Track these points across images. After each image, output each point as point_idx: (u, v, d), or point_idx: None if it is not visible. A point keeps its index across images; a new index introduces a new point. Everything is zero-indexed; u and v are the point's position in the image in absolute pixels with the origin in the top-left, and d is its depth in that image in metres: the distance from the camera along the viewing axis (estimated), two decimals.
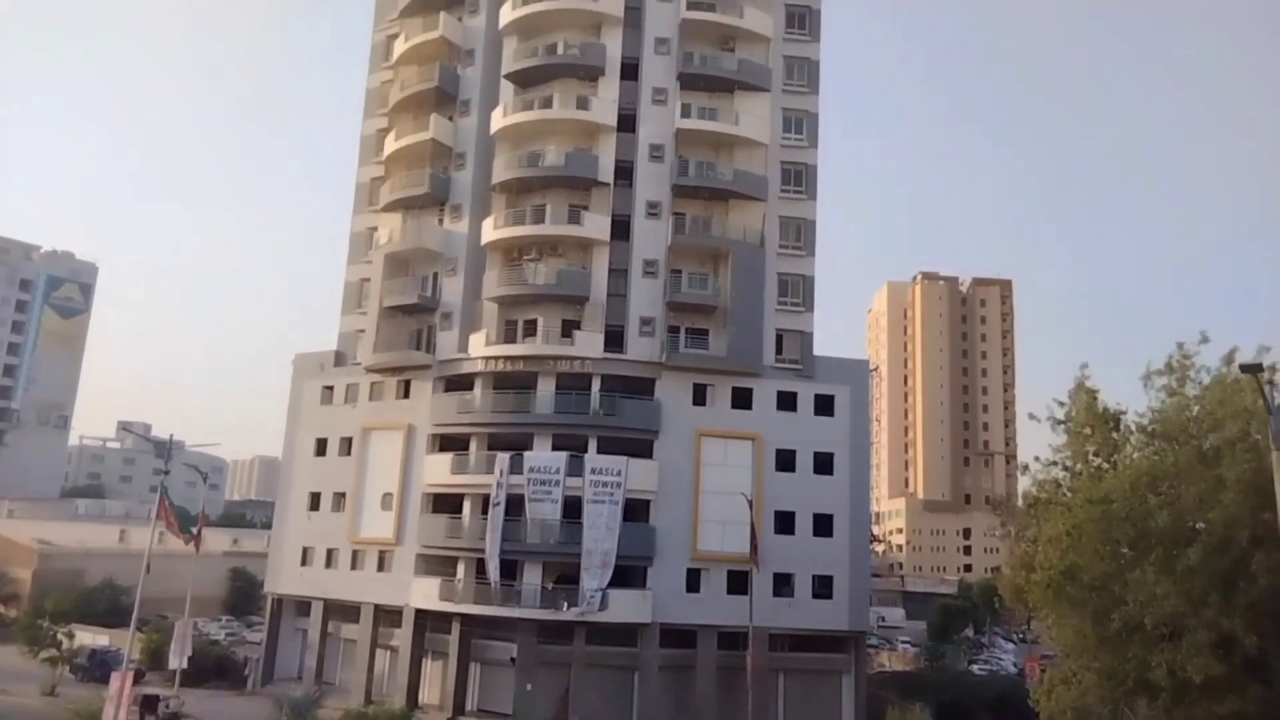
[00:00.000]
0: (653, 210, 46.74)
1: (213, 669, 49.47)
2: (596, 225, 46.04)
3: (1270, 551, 14.88)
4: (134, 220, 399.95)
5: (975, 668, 61.34)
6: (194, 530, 44.76)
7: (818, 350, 47.48)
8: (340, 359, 52.08)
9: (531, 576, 42.67)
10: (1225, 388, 18.79)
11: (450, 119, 50.27)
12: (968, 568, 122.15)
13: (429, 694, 44.89)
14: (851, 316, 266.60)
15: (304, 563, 50.06)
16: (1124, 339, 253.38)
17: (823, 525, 45.00)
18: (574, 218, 46.12)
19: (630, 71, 48.09)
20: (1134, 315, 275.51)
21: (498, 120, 48.06)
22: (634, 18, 48.50)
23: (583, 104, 47.17)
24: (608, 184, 46.75)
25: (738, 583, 42.36)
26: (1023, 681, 37.15)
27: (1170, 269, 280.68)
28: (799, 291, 47.67)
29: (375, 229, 52.42)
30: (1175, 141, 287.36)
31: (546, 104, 47.35)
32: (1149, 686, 16.83)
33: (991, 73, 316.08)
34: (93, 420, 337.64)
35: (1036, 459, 22.20)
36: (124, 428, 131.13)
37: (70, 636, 47.87)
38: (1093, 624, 17.84)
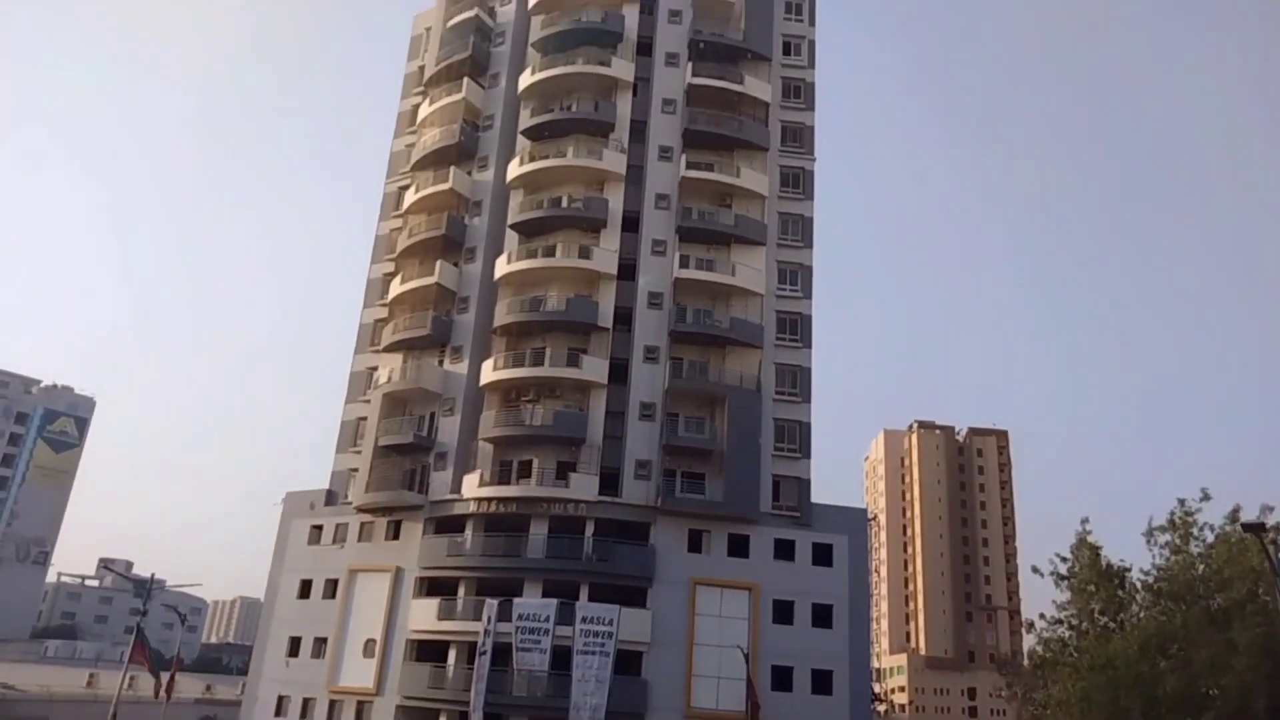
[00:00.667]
0: (650, 355, 47.41)
1: None
2: (595, 368, 46.57)
3: None
4: (132, 354, 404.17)
5: None
6: (167, 673, 42.87)
7: (815, 498, 47.02)
8: (331, 498, 51.46)
9: None
10: (1230, 546, 18.53)
11: (455, 265, 51.73)
12: None
13: None
14: (848, 464, 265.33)
15: (278, 713, 47.63)
16: (1125, 488, 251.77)
17: (822, 682, 43.22)
18: (573, 361, 46.71)
19: (631, 223, 49.95)
20: (1135, 463, 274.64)
21: (502, 267, 49.48)
22: (636, 175, 50.84)
23: (585, 253, 48.71)
24: (607, 329, 47.63)
25: None
26: None
27: (1169, 417, 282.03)
28: (796, 438, 47.70)
29: (375, 369, 52.94)
30: (1171, 296, 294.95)
31: (550, 252, 48.88)
32: None
33: (985, 233, 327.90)
34: (74, 556, 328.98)
35: (1042, 616, 21.70)
36: (104, 565, 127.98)
37: None
38: None
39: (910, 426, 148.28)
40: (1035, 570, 21.60)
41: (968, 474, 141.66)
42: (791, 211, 51.92)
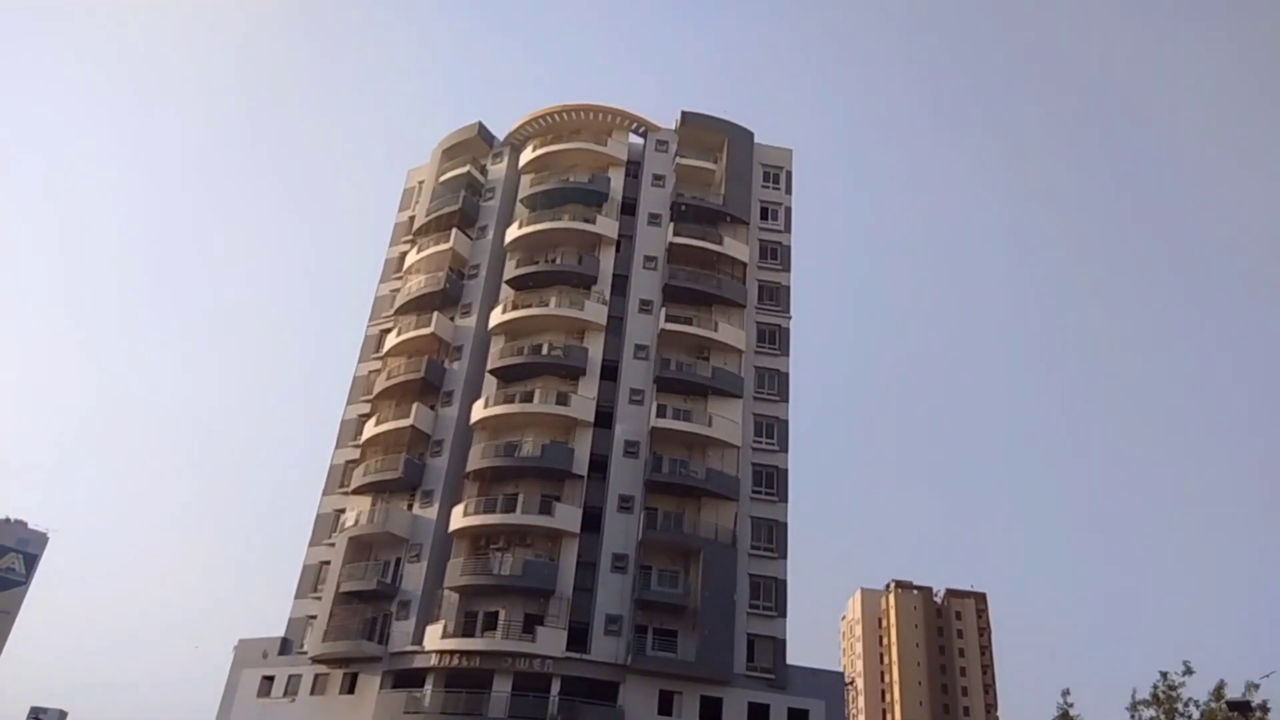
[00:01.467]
0: (625, 504, 46.84)
1: None
2: (568, 517, 45.83)
3: None
4: (84, 487, 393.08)
5: None
6: None
7: (790, 658, 45.50)
8: (286, 646, 49.10)
9: None
10: None
11: (432, 408, 51.70)
12: None
13: None
14: (824, 623, 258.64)
15: None
16: (1105, 653, 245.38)
17: None
18: (545, 508, 46.02)
19: (610, 372, 50.53)
20: (1115, 628, 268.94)
21: (479, 411, 49.48)
22: (616, 325, 51.89)
23: (562, 400, 48.94)
24: (581, 476, 47.24)
25: None
26: None
27: (1151, 582, 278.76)
28: (771, 595, 46.62)
29: (343, 511, 51.83)
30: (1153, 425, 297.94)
31: (527, 398, 49.09)
32: None
33: (961, 397, 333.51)
34: (3, 702, 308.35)
35: None
36: (36, 716, 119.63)
37: None
38: None
39: (888, 586, 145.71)
40: None
41: (947, 636, 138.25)
42: (768, 366, 52.82)
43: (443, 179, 59.43)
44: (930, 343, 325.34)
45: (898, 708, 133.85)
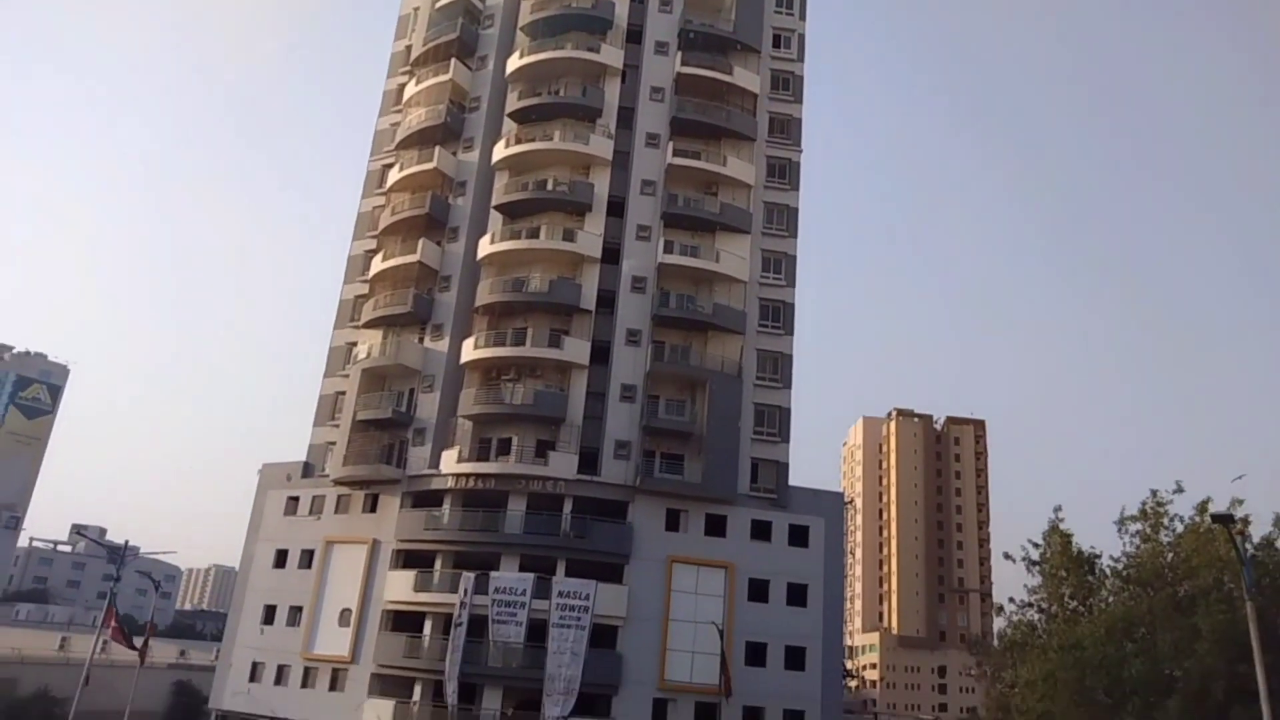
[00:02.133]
0: (633, 338, 47.53)
1: None
2: (576, 350, 46.64)
3: (1247, 705, 14.72)
4: (106, 322, 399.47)
5: None
6: (140, 640, 42.88)
7: (793, 481, 47.50)
8: (308, 470, 51.37)
9: (491, 701, 41.02)
10: (1199, 536, 18.99)
11: (438, 243, 51.50)
12: (943, 706, 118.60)
13: None
14: (827, 450, 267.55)
15: (253, 679, 47.81)
16: (1097, 478, 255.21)
17: (795, 658, 43.93)
18: (554, 341, 46.77)
19: (616, 208, 49.90)
20: (1108, 452, 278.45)
21: (485, 247, 49.33)
22: (622, 160, 50.72)
23: (569, 236, 48.62)
24: (589, 311, 47.68)
25: (706, 715, 41.06)
26: None
27: (1148, 408, 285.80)
28: (775, 422, 48.07)
29: (355, 344, 52.72)
30: (1155, 279, 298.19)
31: (534, 234, 48.77)
32: None
33: (968, 226, 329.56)
34: (46, 521, 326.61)
35: (1012, 600, 22.12)
36: (78, 531, 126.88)
37: None
38: None
39: (889, 414, 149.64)
40: (1007, 556, 22.03)
41: (944, 461, 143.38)
42: (776, 201, 52.02)
43: (438, 5, 56.50)
44: (941, 171, 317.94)
45: (894, 526, 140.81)
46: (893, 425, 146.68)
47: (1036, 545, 21.41)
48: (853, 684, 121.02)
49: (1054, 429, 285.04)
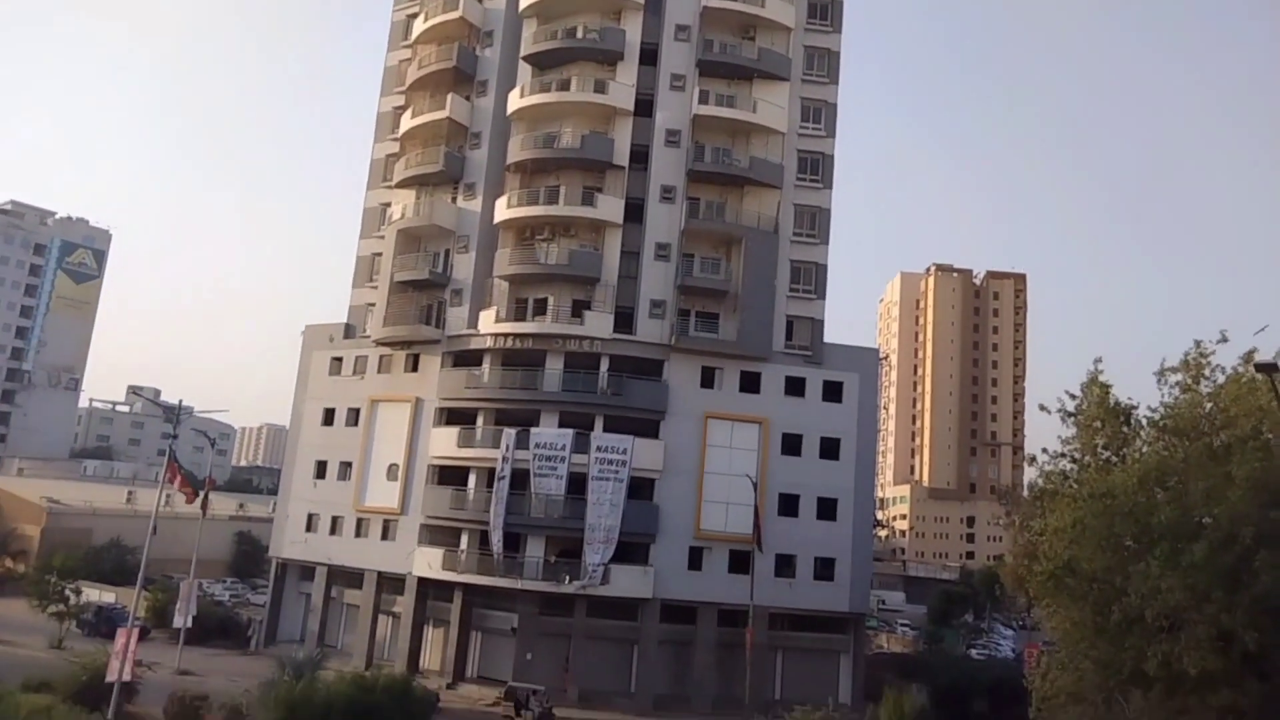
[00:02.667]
0: (667, 195, 46.71)
1: (216, 629, 50.23)
2: (610, 208, 46.04)
3: (1274, 550, 14.96)
4: (146, 189, 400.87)
5: (973, 652, 61.56)
6: (202, 489, 45.28)
7: (828, 338, 47.52)
8: (350, 331, 52.36)
9: (534, 549, 43.06)
10: (1240, 386, 18.73)
11: (467, 98, 50.21)
12: (970, 555, 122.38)
13: (430, 660, 45.46)
14: (863, 305, 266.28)
15: (309, 529, 50.56)
16: (1138, 337, 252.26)
17: (827, 509, 45.25)
18: (588, 199, 46.14)
19: (649, 57, 47.96)
20: (1150, 313, 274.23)
21: (515, 101, 48.03)
22: (654, 4, 48.37)
23: (600, 88, 47.06)
24: (622, 167, 46.74)
25: (739, 562, 42.75)
26: (1020, 667, 37.37)
27: (1189, 267, 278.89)
28: (811, 279, 47.64)
29: (389, 204, 52.55)
30: (1198, 137, 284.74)
31: (564, 86, 47.25)
32: (1144, 677, 17.00)
33: (1012, 66, 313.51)
34: (103, 384, 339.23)
35: (1044, 450, 22.20)
36: (133, 392, 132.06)
37: (77, 593, 48.49)
38: (1092, 615, 17.96)
39: (928, 269, 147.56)
40: (1043, 408, 21.96)
41: (982, 316, 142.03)
42: (817, 45, 49.63)
43: None
44: (993, 15, 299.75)
45: (929, 380, 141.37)
46: (931, 280, 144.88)
47: (1073, 397, 21.31)
48: (883, 534, 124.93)
49: (1097, 285, 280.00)
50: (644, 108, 47.47)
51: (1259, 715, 15.92)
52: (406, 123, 51.05)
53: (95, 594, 53.53)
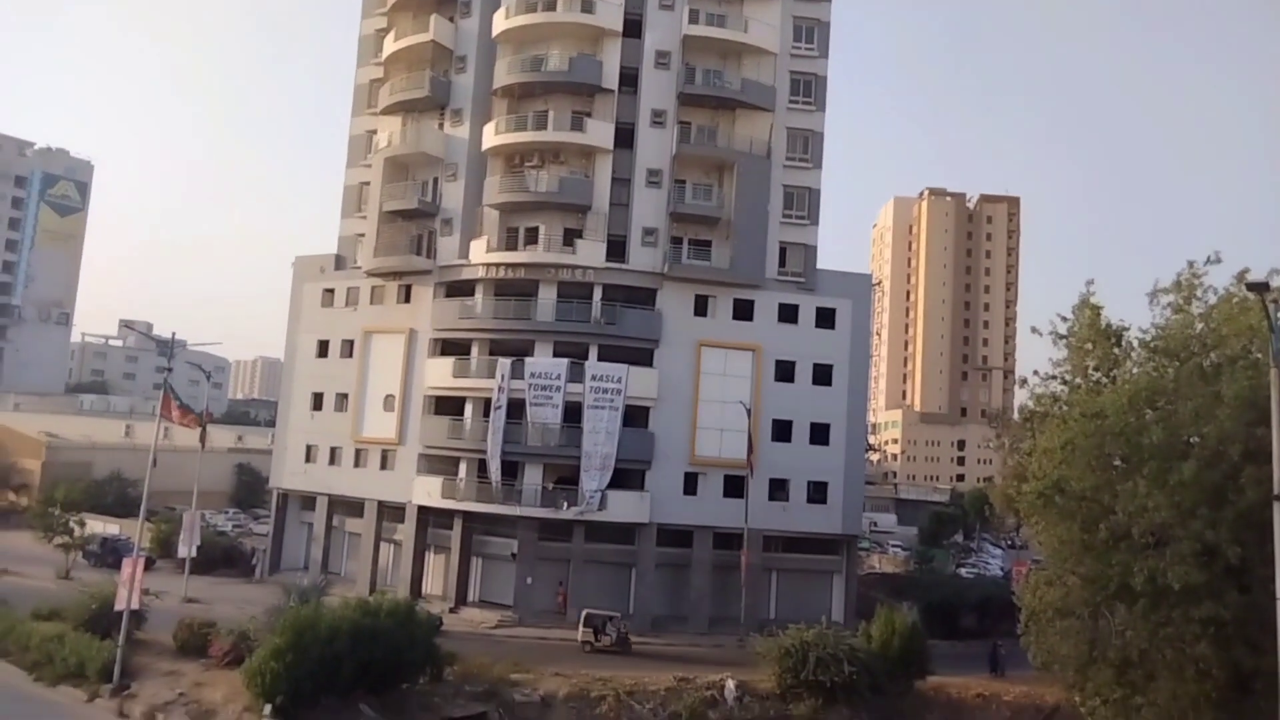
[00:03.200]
0: (658, 119, 45.92)
1: (221, 558, 51.05)
2: (600, 133, 45.30)
3: (1260, 465, 15.23)
4: (128, 120, 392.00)
5: (963, 571, 63.22)
6: (200, 418, 45.64)
7: (821, 264, 47.38)
8: (340, 262, 51.93)
9: (532, 477, 43.59)
10: (1231, 306, 18.83)
11: (451, 20, 48.85)
12: (960, 478, 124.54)
13: (432, 585, 46.41)
14: (856, 231, 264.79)
15: (308, 460, 51.00)
16: (1131, 261, 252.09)
17: (819, 434, 45.78)
18: (577, 124, 45.36)
19: None
20: (1143, 237, 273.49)
21: (499, 22, 46.78)
22: None
23: (587, 7, 45.77)
24: (612, 91, 45.83)
25: (734, 487, 43.44)
26: (1008, 584, 38.50)
27: (1184, 191, 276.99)
28: (804, 204, 47.25)
29: (374, 132, 51.56)
30: (1192, 54, 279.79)
31: (550, 6, 45.97)
32: (1129, 592, 17.50)
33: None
34: (94, 319, 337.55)
35: (1036, 373, 22.43)
36: (125, 325, 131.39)
37: (81, 525, 49.15)
38: (1080, 532, 18.39)
39: (921, 194, 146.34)
40: (1034, 330, 22.07)
41: (975, 240, 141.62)
42: None
43: None
44: None
45: (920, 305, 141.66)
46: (924, 205, 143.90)
47: (1065, 320, 21.41)
48: (875, 457, 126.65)
49: (1091, 208, 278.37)
50: (633, 28, 46.33)
51: (1239, 625, 16.43)
52: (390, 46, 49.75)
53: (99, 526, 54.27)
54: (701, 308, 45.71)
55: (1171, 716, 17.49)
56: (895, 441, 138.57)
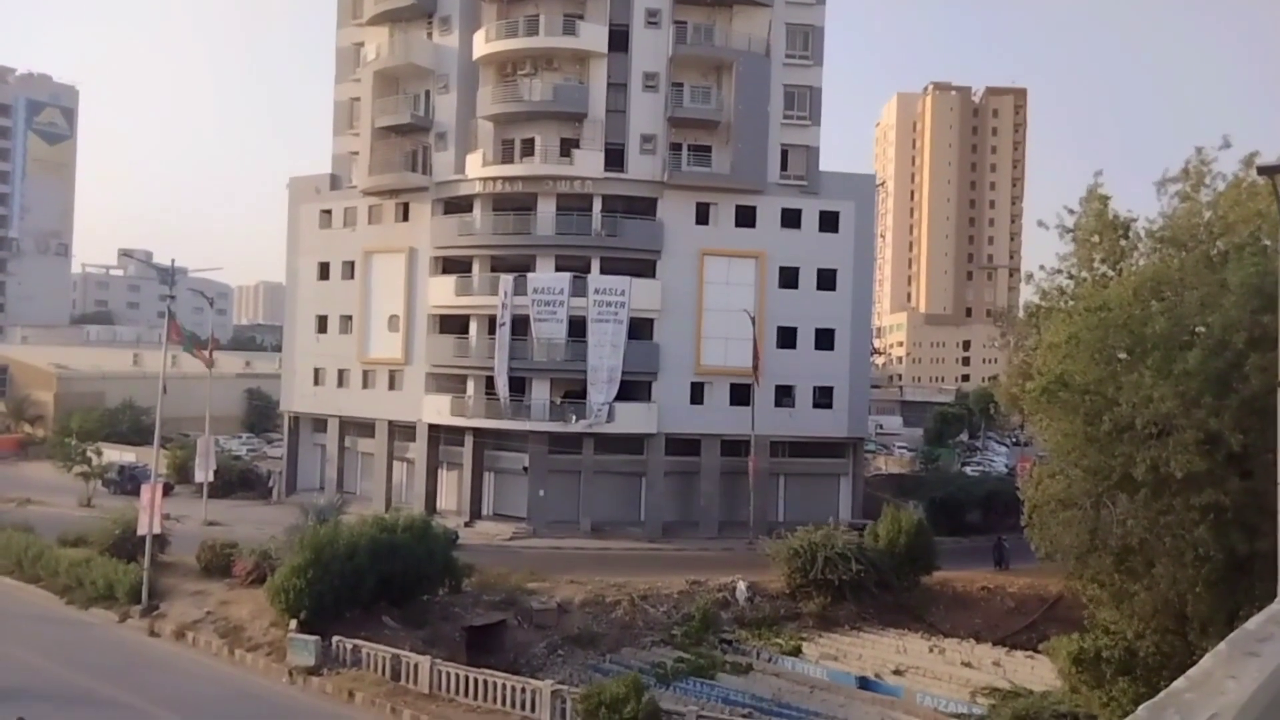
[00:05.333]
0: (652, 19, 44.48)
1: (238, 482, 52.04)
2: (593, 36, 43.96)
3: (1265, 353, 15.15)
4: (108, 42, 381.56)
5: (968, 469, 64.05)
6: (206, 348, 45.86)
7: (823, 166, 46.56)
8: (336, 182, 51.22)
9: (540, 392, 43.91)
10: (1240, 192, 18.41)
11: None
12: (965, 378, 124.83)
13: (446, 501, 47.30)
14: (859, 130, 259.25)
15: (317, 383, 51.37)
16: (1141, 153, 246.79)
17: (824, 339, 45.82)
18: (569, 28, 44.02)
19: None
20: (1153, 127, 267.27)
21: None
22: None
23: None
24: None
25: (740, 394, 43.73)
26: (1013, 480, 39.04)
27: (1193, 78, 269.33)
28: (805, 104, 46.14)
29: (362, 44, 50.17)
30: None
31: None
32: (1131, 482, 17.66)
33: None
34: (94, 249, 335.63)
35: (1041, 268, 22.16)
36: (125, 254, 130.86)
37: (98, 453, 49.92)
38: (1083, 425, 18.42)
39: (925, 89, 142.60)
40: (1041, 223, 21.68)
41: (980, 135, 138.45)
42: None
43: None
44: None
45: (925, 205, 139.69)
46: (928, 100, 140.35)
47: (1072, 213, 21.02)
48: (880, 360, 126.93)
49: (1100, 100, 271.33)
50: None
51: (1239, 511, 16.64)
52: None
53: (115, 454, 55.10)
54: (703, 215, 45.17)
55: (1168, 600, 17.92)
56: (900, 344, 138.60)
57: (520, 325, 43.58)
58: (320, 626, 26.02)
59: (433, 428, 46.35)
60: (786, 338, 45.42)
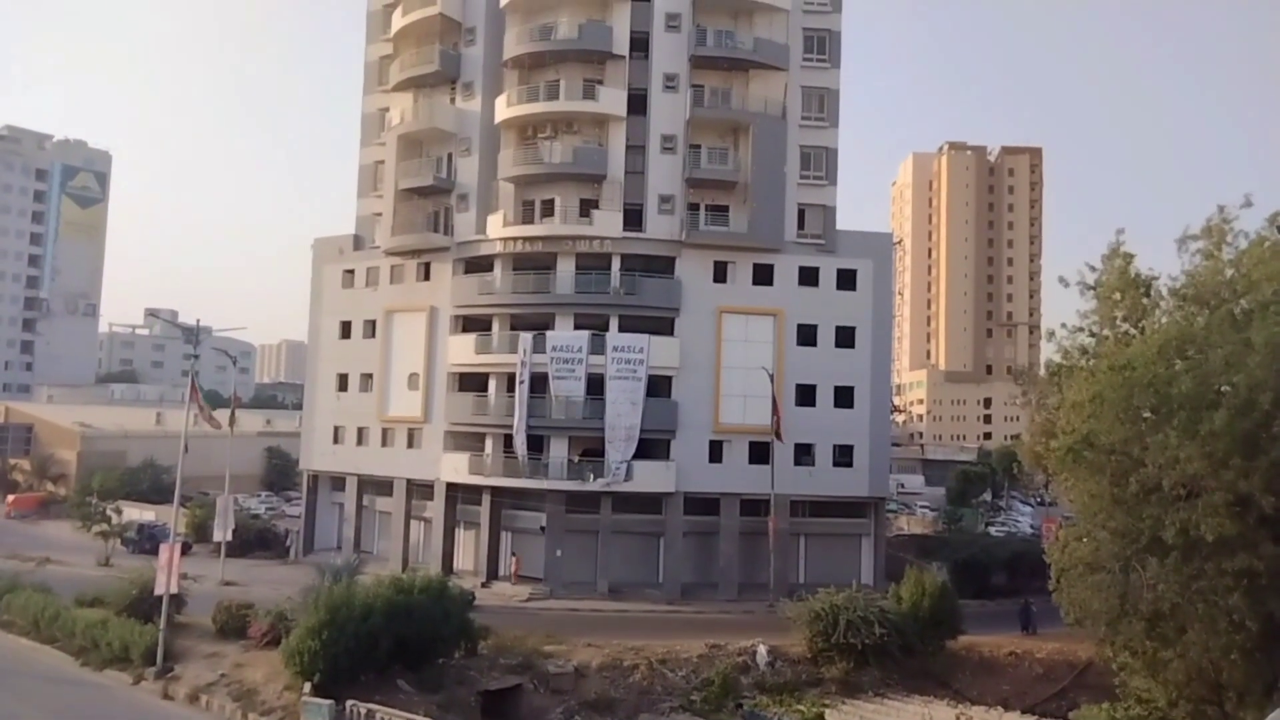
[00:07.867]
0: (670, 83, 45.39)
1: (255, 541, 51.91)
2: (612, 100, 44.87)
3: None
4: (141, 108, 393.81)
5: (992, 529, 62.92)
6: (227, 410, 46.06)
7: (840, 224, 46.85)
8: (359, 242, 52.08)
9: (558, 450, 43.77)
10: (1263, 250, 18.33)
11: None
12: (987, 436, 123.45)
13: (463, 561, 46.90)
14: (875, 189, 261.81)
15: (336, 441, 51.53)
16: (1158, 211, 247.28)
17: (844, 397, 45.53)
18: (589, 93, 44.96)
19: None
20: (1169, 185, 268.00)
21: None
22: None
23: None
24: (623, 56, 45.32)
25: (759, 453, 43.39)
26: (1038, 541, 38.26)
27: (1212, 136, 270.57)
28: (821, 164, 46.66)
29: (387, 109, 51.50)
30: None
31: None
32: (1161, 545, 17.28)
33: None
34: (120, 309, 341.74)
35: (1063, 325, 22.03)
36: (151, 314, 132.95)
37: (118, 512, 50.09)
38: (1110, 486, 18.14)
39: (940, 148, 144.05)
40: (1062, 280, 21.61)
41: (997, 194, 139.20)
42: None
43: None
44: None
45: (943, 262, 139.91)
46: (944, 160, 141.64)
47: (1094, 269, 20.97)
48: (900, 419, 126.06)
49: (1116, 159, 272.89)
50: None
51: (1273, 576, 16.22)
52: (398, 21, 49.51)
53: (135, 513, 55.29)
54: (721, 274, 45.42)
55: (1202, 668, 17.37)
56: (920, 402, 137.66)
57: (539, 383, 43.67)
58: (335, 690, 25.60)
59: (450, 486, 46.23)
60: (805, 395, 45.20)
